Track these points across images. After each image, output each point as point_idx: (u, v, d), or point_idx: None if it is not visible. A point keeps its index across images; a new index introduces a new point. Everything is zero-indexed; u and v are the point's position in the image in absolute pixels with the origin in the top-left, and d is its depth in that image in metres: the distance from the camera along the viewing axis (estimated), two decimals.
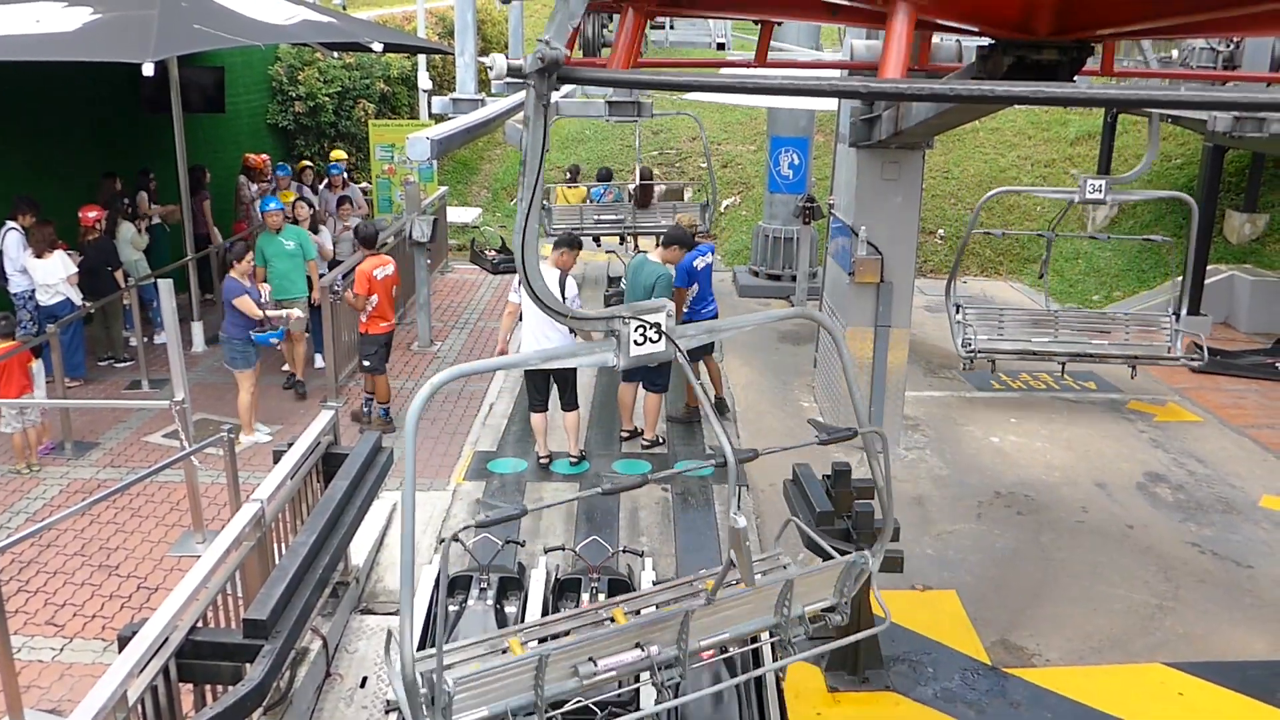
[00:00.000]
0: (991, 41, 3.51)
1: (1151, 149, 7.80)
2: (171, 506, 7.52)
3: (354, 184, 13.36)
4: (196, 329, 10.89)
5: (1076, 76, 3.57)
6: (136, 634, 3.81)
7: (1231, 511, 7.86)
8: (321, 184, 12.91)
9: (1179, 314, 8.82)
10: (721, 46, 12.84)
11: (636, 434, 8.63)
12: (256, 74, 14.71)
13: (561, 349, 2.95)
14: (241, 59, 13.62)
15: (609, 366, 2.77)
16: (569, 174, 14.67)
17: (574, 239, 8.24)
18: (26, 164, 10.56)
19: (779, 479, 6.02)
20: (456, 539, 5.17)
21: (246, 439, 8.57)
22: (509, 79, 2.24)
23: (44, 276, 9.24)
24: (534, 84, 2.23)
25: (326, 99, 15.24)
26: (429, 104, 13.73)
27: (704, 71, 9.98)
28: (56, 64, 8.64)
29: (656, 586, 4.01)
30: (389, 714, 4.81)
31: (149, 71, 7.57)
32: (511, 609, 5.00)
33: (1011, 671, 5.88)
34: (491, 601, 4.96)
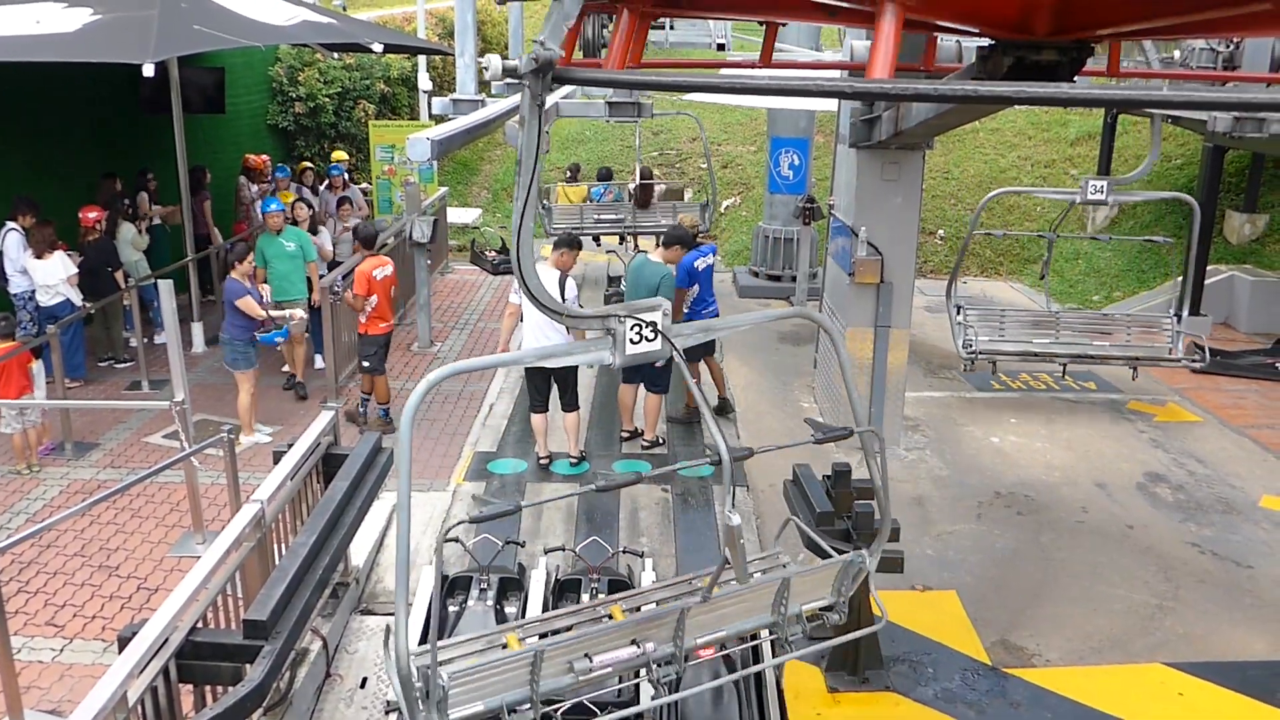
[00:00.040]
0: (991, 42, 3.52)
1: (1153, 150, 7.80)
2: (171, 507, 7.52)
3: (354, 185, 13.36)
4: (196, 330, 10.90)
5: (1078, 77, 3.57)
6: (136, 635, 3.82)
7: (1231, 511, 7.85)
8: (322, 185, 12.91)
9: (1180, 315, 8.82)
10: (721, 47, 12.84)
11: (637, 434, 8.63)
12: (256, 75, 14.71)
13: (558, 347, 2.96)
14: (241, 59, 13.62)
15: (605, 365, 2.79)
16: (569, 172, 14.66)
17: (574, 239, 8.24)
18: (26, 164, 10.56)
19: (779, 479, 6.02)
20: (457, 540, 5.20)
21: (246, 440, 8.58)
22: (506, 80, 2.26)
23: (44, 277, 9.25)
24: (529, 85, 2.25)
25: (327, 100, 15.24)
26: (429, 105, 13.71)
27: (701, 72, 9.99)
28: (56, 64, 8.64)
29: (655, 585, 4.02)
30: (389, 714, 4.81)
31: (149, 72, 7.58)
32: (512, 609, 5.01)
33: (1011, 672, 5.88)
34: (492, 602, 4.97)
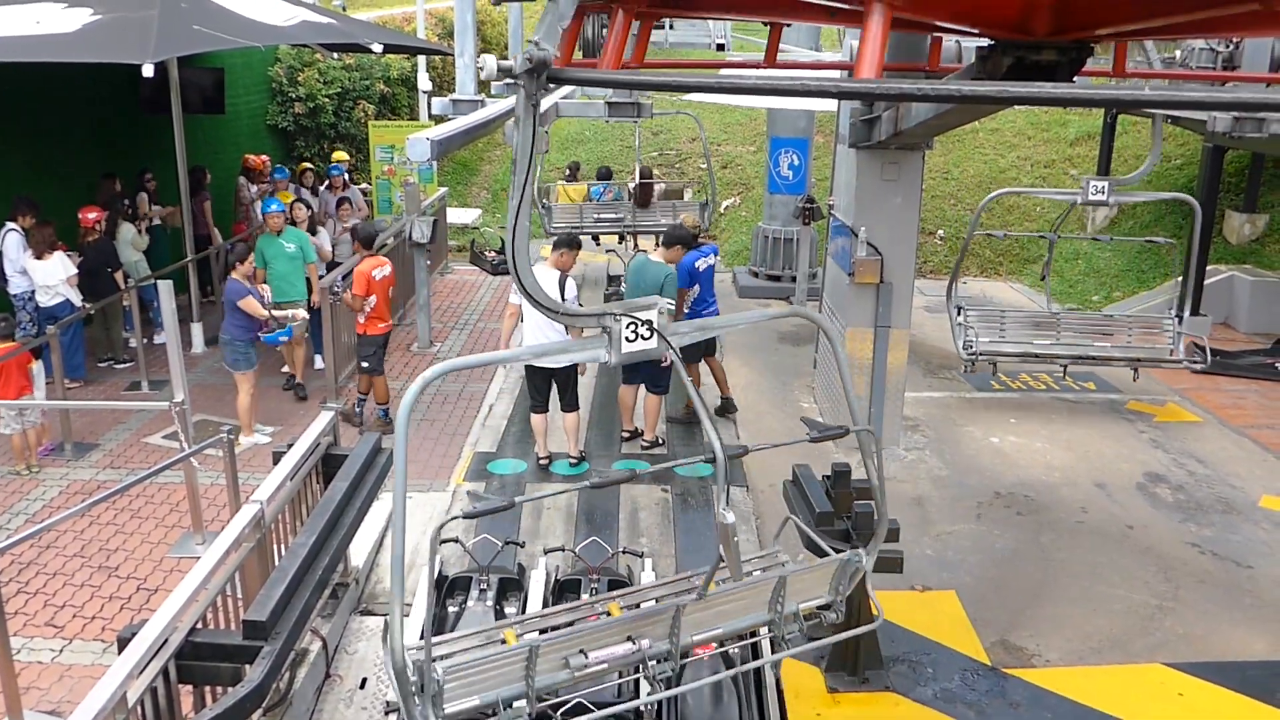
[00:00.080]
0: (991, 42, 3.52)
1: (1154, 150, 7.81)
2: (171, 508, 7.52)
3: (354, 185, 13.36)
4: (196, 330, 10.90)
5: (1080, 76, 3.57)
6: (136, 635, 3.81)
7: (1231, 512, 7.85)
8: (322, 185, 12.91)
9: (1181, 316, 8.81)
10: (721, 48, 12.84)
11: (637, 435, 8.64)
12: (256, 75, 14.71)
13: (554, 344, 2.98)
14: (241, 60, 13.63)
15: (602, 362, 2.82)
16: (568, 171, 14.65)
17: (573, 239, 8.23)
18: (26, 164, 10.56)
19: (779, 479, 6.01)
20: (457, 540, 5.19)
21: (246, 440, 8.58)
22: (506, 80, 2.28)
23: (43, 278, 9.25)
24: (523, 85, 2.29)
25: (326, 100, 15.24)
26: (429, 105, 13.70)
27: (697, 72, 9.98)
28: (56, 64, 8.63)
29: (653, 583, 4.02)
30: (389, 715, 4.80)
31: (148, 72, 7.58)
32: (511, 610, 5.00)
33: (1011, 672, 5.88)
34: (491, 603, 4.96)
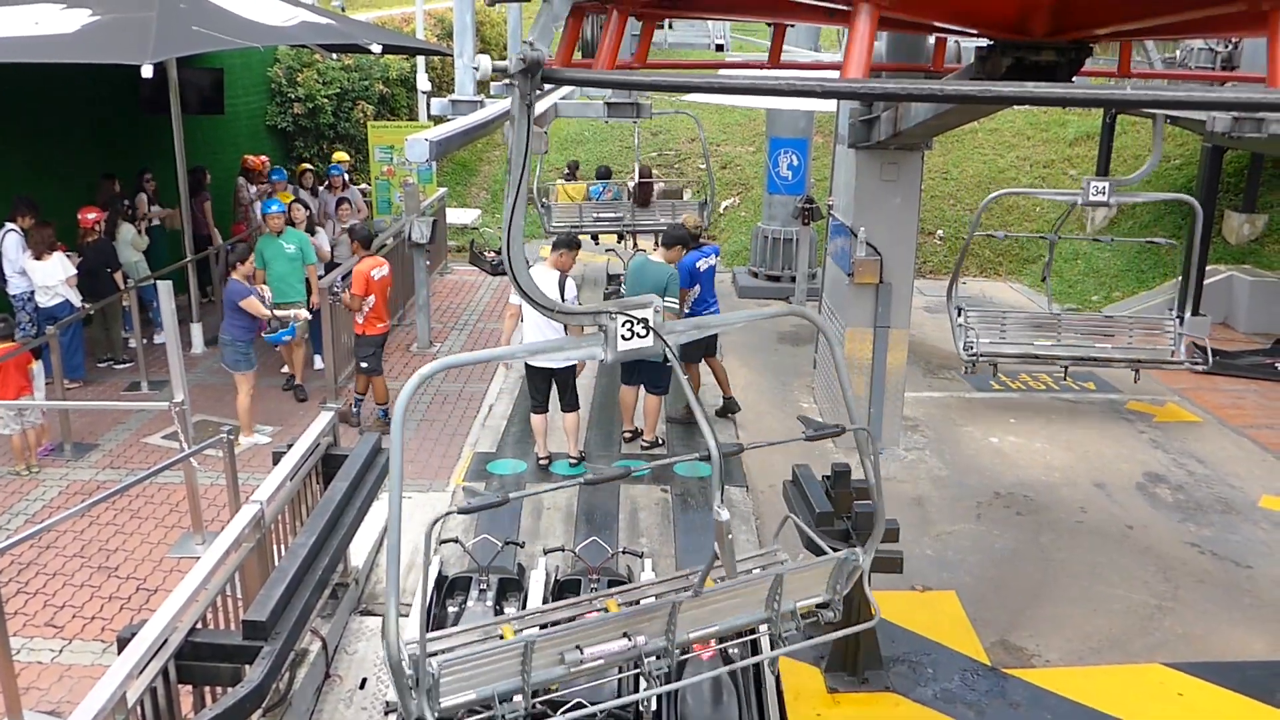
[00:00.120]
0: (990, 43, 3.53)
1: (1155, 150, 7.80)
2: (171, 508, 7.52)
3: (353, 186, 13.36)
4: (196, 330, 10.90)
5: (1080, 76, 3.58)
6: (136, 635, 3.81)
7: (1231, 512, 7.86)
8: (321, 186, 12.90)
9: (1183, 317, 8.80)
10: (720, 48, 12.84)
11: (638, 435, 8.64)
12: (255, 75, 14.71)
13: (549, 342, 3.00)
14: (240, 60, 13.63)
15: (598, 360, 2.83)
16: (567, 169, 14.65)
17: (572, 240, 8.23)
18: (26, 164, 10.56)
19: (779, 480, 6.02)
20: (457, 541, 5.19)
21: (246, 440, 8.58)
22: (506, 80, 2.30)
23: (43, 278, 9.24)
24: (517, 85, 2.30)
25: (325, 100, 15.24)
26: (428, 105, 13.70)
27: (693, 72, 9.97)
28: (56, 65, 8.64)
29: (651, 581, 4.02)
30: (388, 715, 4.80)
31: (147, 73, 7.58)
32: (511, 610, 5.00)
33: (1011, 672, 5.89)
34: (491, 603, 4.96)
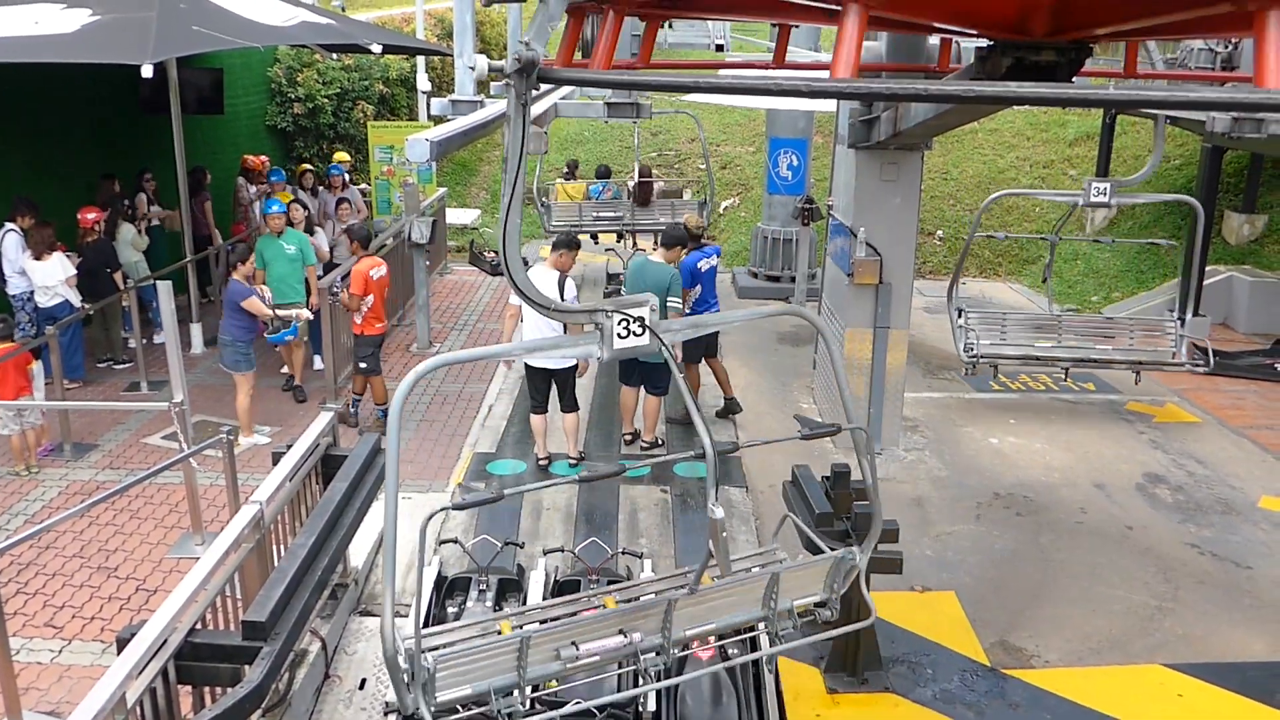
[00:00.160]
0: (990, 43, 3.53)
1: (1156, 151, 7.78)
2: (170, 508, 7.52)
3: (353, 185, 13.36)
4: (195, 331, 10.89)
5: (1081, 76, 3.58)
6: (135, 636, 3.80)
7: (1231, 512, 7.86)
8: (321, 186, 12.90)
9: (1183, 318, 8.80)
10: (720, 48, 12.84)
11: (638, 436, 8.63)
12: (255, 75, 14.71)
13: (546, 340, 3.00)
14: (240, 60, 13.62)
15: (595, 358, 2.84)
16: (567, 169, 14.64)
17: (572, 240, 8.21)
18: (26, 164, 10.56)
19: (779, 480, 6.02)
20: (456, 541, 5.19)
21: (245, 441, 8.57)
22: (505, 80, 2.31)
23: (43, 278, 9.24)
24: (513, 84, 2.31)
25: (325, 100, 15.24)
26: (428, 105, 13.70)
27: (691, 73, 9.97)
28: (56, 65, 8.64)
29: (650, 579, 4.03)
30: (388, 715, 4.80)
31: (147, 73, 7.58)
32: (511, 610, 5.00)
33: (1010, 673, 5.89)
34: (490, 603, 4.96)
